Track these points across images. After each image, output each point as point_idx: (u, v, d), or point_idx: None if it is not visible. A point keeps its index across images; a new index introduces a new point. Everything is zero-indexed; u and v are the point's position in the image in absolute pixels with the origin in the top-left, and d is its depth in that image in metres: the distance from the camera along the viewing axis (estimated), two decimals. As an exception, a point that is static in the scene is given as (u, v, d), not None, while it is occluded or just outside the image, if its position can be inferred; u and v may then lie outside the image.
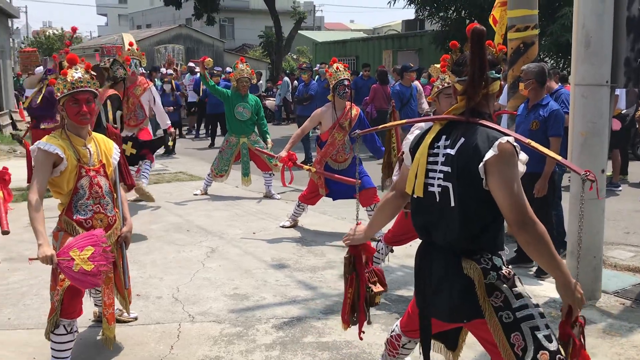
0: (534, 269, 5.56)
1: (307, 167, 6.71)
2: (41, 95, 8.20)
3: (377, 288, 3.04)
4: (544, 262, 2.40)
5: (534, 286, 5.18)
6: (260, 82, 21.61)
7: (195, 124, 17.29)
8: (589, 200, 4.63)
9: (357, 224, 3.03)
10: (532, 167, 5.13)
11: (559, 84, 7.41)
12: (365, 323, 3.10)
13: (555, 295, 4.98)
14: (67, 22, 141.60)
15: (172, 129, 8.46)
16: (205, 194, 8.93)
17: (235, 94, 8.59)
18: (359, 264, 3.02)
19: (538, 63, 5.80)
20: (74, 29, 7.79)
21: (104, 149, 3.78)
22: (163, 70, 17.18)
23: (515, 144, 2.42)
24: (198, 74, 12.63)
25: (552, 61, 13.80)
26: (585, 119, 4.77)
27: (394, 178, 5.25)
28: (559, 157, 2.68)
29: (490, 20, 6.76)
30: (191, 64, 17.82)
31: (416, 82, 12.03)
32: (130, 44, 8.11)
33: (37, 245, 3.31)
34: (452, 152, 2.50)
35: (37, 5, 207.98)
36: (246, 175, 8.77)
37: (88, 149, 3.65)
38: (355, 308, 3.05)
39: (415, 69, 12.53)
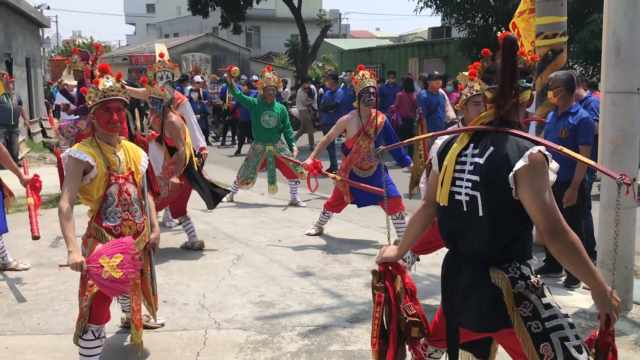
0: (563, 278, 5.49)
1: (332, 175, 6.71)
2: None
3: (413, 318, 2.80)
4: (578, 272, 2.37)
5: (564, 296, 5.11)
6: (286, 90, 21.67)
7: (222, 132, 17.46)
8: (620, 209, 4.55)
9: (389, 244, 2.96)
10: (561, 176, 5.08)
11: (588, 91, 7.31)
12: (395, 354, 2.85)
13: (585, 305, 4.92)
14: (96, 31, 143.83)
15: (205, 151, 7.74)
16: (232, 201, 8.98)
17: (262, 102, 8.63)
18: (390, 282, 2.89)
19: (566, 70, 5.73)
20: (97, 47, 7.83)
21: (133, 157, 3.82)
22: (197, 78, 17.36)
23: (546, 152, 2.39)
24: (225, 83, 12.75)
25: (580, 68, 13.63)
26: (615, 126, 4.70)
27: (421, 186, 5.23)
28: (592, 162, 2.64)
29: (510, 26, 6.69)
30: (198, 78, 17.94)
31: (442, 90, 11.97)
32: (161, 55, 7.60)
33: (66, 251, 3.36)
34: (480, 161, 2.47)
35: (67, 14, 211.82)
36: (272, 184, 8.79)
37: (117, 156, 3.70)
38: (386, 334, 2.86)
39: (440, 76, 12.48)
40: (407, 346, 2.93)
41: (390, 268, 2.91)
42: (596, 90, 8.39)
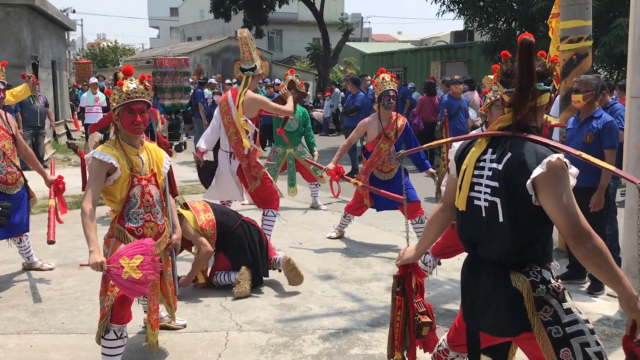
0: (587, 285, 5.42)
1: (353, 180, 6.69)
2: None
3: (425, 318, 2.91)
4: (604, 276, 2.34)
5: (587, 303, 5.05)
6: (308, 93, 21.72)
7: None
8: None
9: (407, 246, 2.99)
10: (585, 182, 5.04)
11: (613, 96, 7.23)
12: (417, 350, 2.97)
13: (609, 312, 4.85)
14: (120, 34, 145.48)
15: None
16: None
17: (284, 105, 8.65)
18: (408, 286, 2.94)
19: (593, 75, 5.67)
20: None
21: (155, 158, 3.85)
22: (212, 80, 17.47)
23: (565, 159, 2.37)
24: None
25: (605, 73, 13.46)
26: (641, 131, 4.64)
27: (442, 188, 5.21)
28: (611, 167, 2.61)
29: (550, 33, 6.63)
30: (212, 80, 17.88)
31: (465, 94, 11.90)
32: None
33: (88, 252, 3.40)
34: (498, 167, 2.46)
35: (92, 18, 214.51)
36: (292, 186, 8.82)
37: (140, 158, 3.73)
38: (406, 336, 2.94)
39: (460, 81, 12.42)
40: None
41: (409, 271, 2.93)
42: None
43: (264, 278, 5.46)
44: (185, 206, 5.30)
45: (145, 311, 4.35)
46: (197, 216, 5.27)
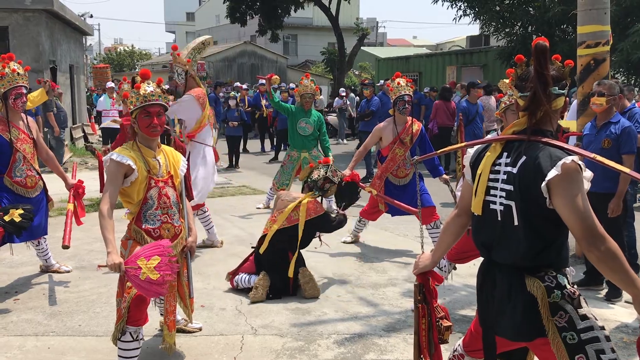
0: (604, 291, 5.37)
1: (368, 188, 6.67)
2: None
3: (446, 322, 2.92)
4: (618, 279, 2.32)
5: (604, 309, 5.00)
6: (321, 97, 21.74)
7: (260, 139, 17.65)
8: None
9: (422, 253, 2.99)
10: (603, 187, 5.01)
11: (633, 100, 7.16)
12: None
13: (628, 319, 4.80)
14: (137, 39, 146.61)
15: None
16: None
17: (299, 109, 8.68)
18: (429, 293, 2.93)
19: (612, 80, 5.62)
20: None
21: (172, 161, 3.88)
22: (237, 84, 17.57)
23: (580, 162, 2.36)
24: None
25: (622, 78, 13.36)
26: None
27: (457, 194, 5.19)
28: (626, 170, 2.59)
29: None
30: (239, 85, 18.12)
31: (481, 99, 11.87)
32: (174, 48, 6.83)
33: (106, 253, 3.42)
34: (513, 170, 2.46)
35: (109, 23, 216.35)
36: (306, 190, 8.82)
37: (157, 160, 3.76)
38: (431, 342, 2.93)
39: (482, 85, 12.39)
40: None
41: (428, 277, 2.92)
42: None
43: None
44: None
45: (161, 314, 4.36)
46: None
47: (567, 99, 2.60)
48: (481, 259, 2.73)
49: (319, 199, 5.60)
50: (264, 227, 5.51)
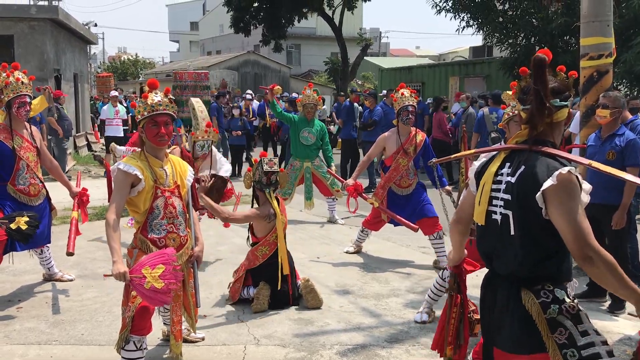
0: (607, 303, 5.36)
1: (370, 200, 6.68)
2: None
3: (477, 315, 3.00)
4: (616, 290, 2.33)
5: (608, 322, 4.99)
6: (324, 107, 21.76)
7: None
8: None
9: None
10: (607, 199, 5.01)
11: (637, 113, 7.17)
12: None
13: (631, 332, 4.79)
14: (140, 48, 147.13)
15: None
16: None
17: (302, 119, 8.71)
18: (463, 283, 3.02)
19: (616, 92, 5.63)
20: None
21: (179, 171, 3.90)
22: (248, 95, 17.61)
23: (577, 174, 2.37)
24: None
25: (625, 90, 13.37)
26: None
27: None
28: (630, 177, 2.59)
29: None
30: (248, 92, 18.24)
31: (483, 109, 11.87)
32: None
33: (111, 262, 3.43)
34: (512, 179, 2.48)
35: (113, 31, 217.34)
36: (309, 199, 8.83)
37: (164, 170, 3.77)
38: (460, 333, 3.00)
39: (485, 95, 12.44)
40: None
41: (462, 268, 3.04)
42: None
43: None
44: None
45: (165, 323, 4.37)
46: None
47: (571, 110, 2.61)
48: (485, 270, 2.74)
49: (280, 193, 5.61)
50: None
